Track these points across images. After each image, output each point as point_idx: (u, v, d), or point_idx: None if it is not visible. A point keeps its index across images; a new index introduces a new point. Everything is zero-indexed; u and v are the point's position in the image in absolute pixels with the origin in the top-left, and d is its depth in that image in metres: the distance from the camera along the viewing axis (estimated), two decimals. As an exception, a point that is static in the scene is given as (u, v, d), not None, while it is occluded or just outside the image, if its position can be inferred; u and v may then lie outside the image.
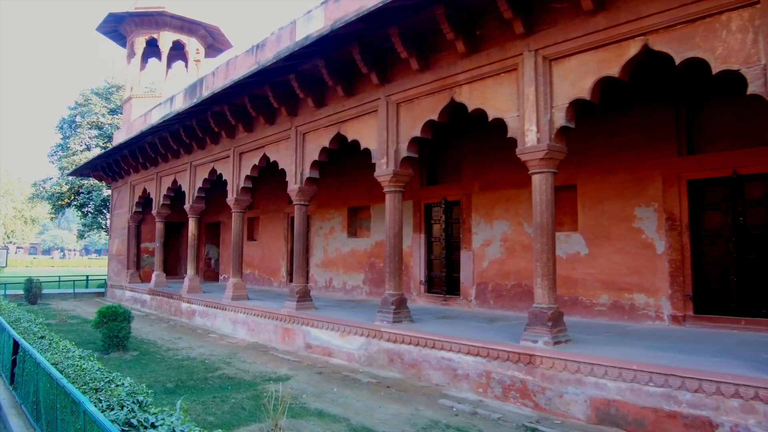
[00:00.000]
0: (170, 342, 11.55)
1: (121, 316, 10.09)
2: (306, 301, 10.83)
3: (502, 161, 10.86)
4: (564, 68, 6.88)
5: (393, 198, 8.96)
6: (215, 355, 10.05)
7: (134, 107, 20.43)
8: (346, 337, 9.27)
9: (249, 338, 11.72)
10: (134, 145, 16.96)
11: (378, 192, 13.45)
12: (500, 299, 10.70)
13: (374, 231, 13.52)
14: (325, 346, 9.70)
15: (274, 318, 11.07)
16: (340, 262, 14.38)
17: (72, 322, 14.57)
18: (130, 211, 19.57)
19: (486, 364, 7.12)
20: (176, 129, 14.45)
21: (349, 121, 9.86)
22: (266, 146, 12.07)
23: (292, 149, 11.06)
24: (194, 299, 14.38)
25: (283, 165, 11.46)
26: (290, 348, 10.46)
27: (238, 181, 12.95)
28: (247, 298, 12.98)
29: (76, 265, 65.85)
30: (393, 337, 8.40)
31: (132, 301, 18.83)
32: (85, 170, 21.49)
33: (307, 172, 10.77)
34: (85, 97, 27.37)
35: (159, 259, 17.29)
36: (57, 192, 25.74)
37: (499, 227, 10.83)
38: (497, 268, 10.80)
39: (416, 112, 8.65)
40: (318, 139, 10.58)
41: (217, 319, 13.13)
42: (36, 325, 8.30)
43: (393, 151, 8.86)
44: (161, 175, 17.18)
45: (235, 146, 13.04)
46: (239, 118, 12.35)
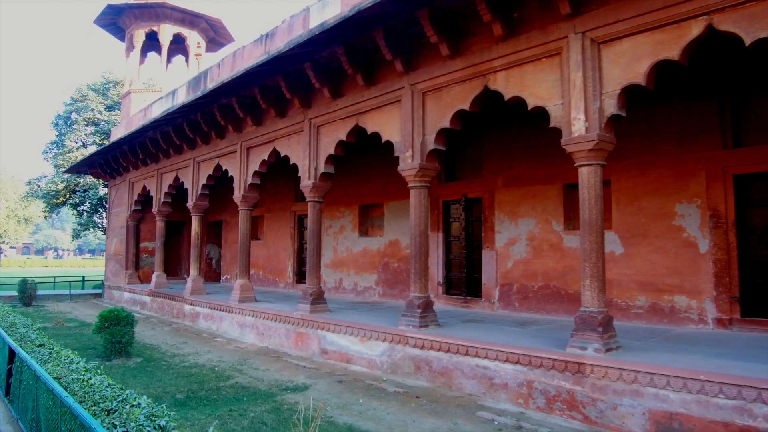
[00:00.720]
0: (175, 347, 10.91)
1: (124, 321, 9.45)
2: (320, 303, 10.22)
3: (529, 156, 10.30)
4: (615, 52, 6.30)
5: (418, 194, 8.36)
6: (225, 362, 9.42)
7: (133, 102, 19.74)
8: (367, 343, 8.67)
9: (258, 343, 11.10)
10: (134, 141, 16.29)
11: (392, 189, 12.91)
12: (526, 301, 10.12)
13: (388, 230, 12.92)
14: (343, 351, 9.09)
15: (286, 321, 10.45)
16: (351, 263, 13.77)
17: (69, 325, 13.90)
18: (128, 209, 18.88)
19: (527, 373, 6.55)
20: (179, 123, 13.80)
21: (369, 113, 9.26)
22: (276, 140, 11.45)
23: (305, 143, 10.45)
24: (198, 301, 13.74)
25: (295, 160, 10.85)
26: (304, 353, 9.85)
27: (246, 177, 12.32)
28: (254, 300, 12.35)
29: (70, 265, 64.84)
30: (420, 342, 7.81)
31: (131, 303, 18.14)
32: (81, 167, 20.77)
33: (322, 167, 10.16)
34: (81, 92, 26.59)
35: (160, 259, 16.62)
36: (52, 190, 24.96)
37: (525, 225, 10.25)
38: (523, 269, 10.23)
39: (445, 101, 8.06)
40: (334, 132, 9.97)
41: (223, 322, 12.50)
42: (33, 330, 7.66)
43: (419, 143, 8.27)
44: (162, 172, 16.52)
45: (243, 141, 12.41)
46: (248, 111, 11.72)
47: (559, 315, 9.58)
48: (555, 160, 9.90)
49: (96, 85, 27.54)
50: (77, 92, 26.82)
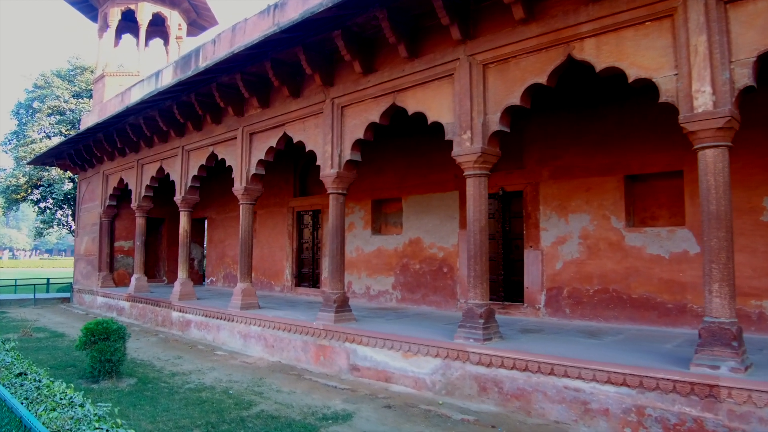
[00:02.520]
0: (170, 363, 9.34)
1: (115, 334, 7.87)
2: (345, 311, 8.85)
3: (581, 144, 9.18)
4: (746, 13, 5.19)
5: (478, 183, 7.09)
6: (237, 382, 7.95)
7: (107, 87, 17.85)
8: (413, 359, 7.36)
9: (268, 357, 9.63)
10: (111, 128, 14.50)
11: (412, 181, 11.61)
12: (579, 308, 8.99)
13: (407, 227, 11.61)
14: (380, 369, 7.75)
15: (303, 332, 9.04)
16: (363, 264, 12.41)
17: (39, 336, 12.08)
18: (102, 204, 17.00)
19: (637, 397, 5.37)
20: (167, 106, 12.18)
21: (410, 89, 7.94)
22: (287, 124, 10.00)
23: (326, 126, 9.06)
24: (189, 308, 12.13)
25: (312, 146, 9.44)
26: (329, 370, 8.46)
27: (248, 167, 10.82)
28: (258, 307, 10.87)
29: (27, 265, 60.94)
30: (487, 359, 6.55)
31: (105, 309, 16.29)
32: (47, 158, 18.72)
33: (348, 154, 8.79)
34: (45, 79, 24.28)
35: (139, 260, 14.88)
36: (12, 184, 22.62)
37: (578, 222, 9.12)
38: (575, 271, 9.09)
39: (513, 74, 6.82)
40: (363, 113, 8.61)
41: (221, 332, 10.96)
42: (8, 352, 6.05)
43: (479, 124, 7.01)
44: (143, 163, 14.78)
45: (245, 125, 10.90)
46: (253, 91, 10.23)
47: (621, 323, 8.48)
48: (613, 149, 8.81)
49: (62, 71, 25.25)
50: (41, 78, 24.50)
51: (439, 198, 11.02)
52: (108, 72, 17.91)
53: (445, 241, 10.85)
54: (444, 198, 10.94)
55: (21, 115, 24.68)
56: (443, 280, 10.85)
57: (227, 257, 16.95)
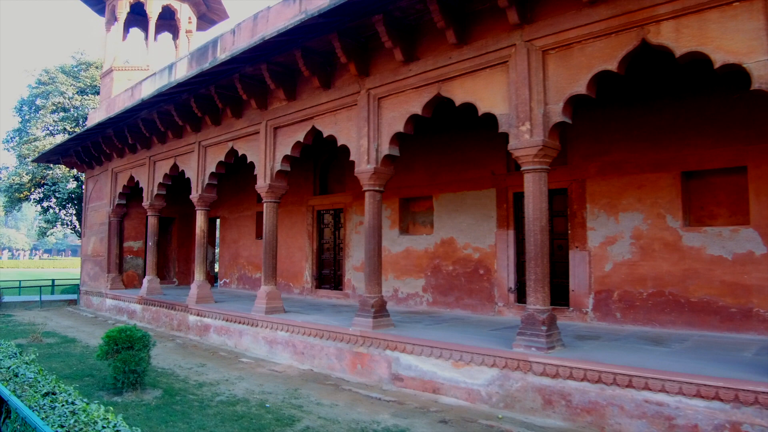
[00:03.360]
0: (194, 371, 8.76)
1: (139, 343, 7.29)
2: (384, 316, 8.30)
3: (632, 139, 8.63)
4: None
5: (538, 179, 6.54)
6: (271, 393, 7.38)
7: (116, 81, 17.24)
8: (464, 368, 6.80)
9: (298, 365, 9.06)
10: (122, 123, 13.91)
11: (444, 178, 11.05)
12: (632, 312, 8.44)
13: (439, 227, 11.05)
14: (426, 379, 7.19)
15: (337, 339, 8.47)
16: (389, 265, 11.83)
17: (49, 341, 11.48)
18: (111, 203, 16.40)
19: (731, 412, 4.84)
20: (184, 99, 11.59)
21: (457, 79, 7.38)
22: (316, 117, 9.43)
23: (360, 119, 8.49)
24: (207, 311, 11.55)
25: (344, 140, 8.88)
26: (367, 380, 7.90)
27: (272, 163, 10.24)
28: (283, 311, 10.30)
29: (27, 266, 60.12)
30: (552, 369, 6.00)
31: (115, 312, 15.69)
32: (53, 155, 18.10)
33: (385, 149, 8.23)
34: (49, 74, 23.62)
35: (152, 260, 14.29)
36: (15, 183, 21.96)
37: (629, 221, 8.58)
38: (626, 273, 8.54)
39: (578, 61, 6.27)
40: (403, 105, 8.05)
41: (244, 337, 10.38)
42: (28, 365, 5.48)
43: (539, 115, 6.46)
44: (156, 160, 14.19)
45: (269, 119, 10.33)
46: (280, 82, 9.66)
47: (678, 328, 7.94)
48: (668, 144, 8.27)
49: (66, 67, 24.60)
50: (45, 74, 23.84)
51: (475, 196, 10.47)
52: (116, 66, 17.30)
53: (481, 241, 10.30)
54: (480, 196, 10.39)
55: (24, 112, 24.03)
56: (479, 283, 10.29)
57: (241, 258, 16.36)
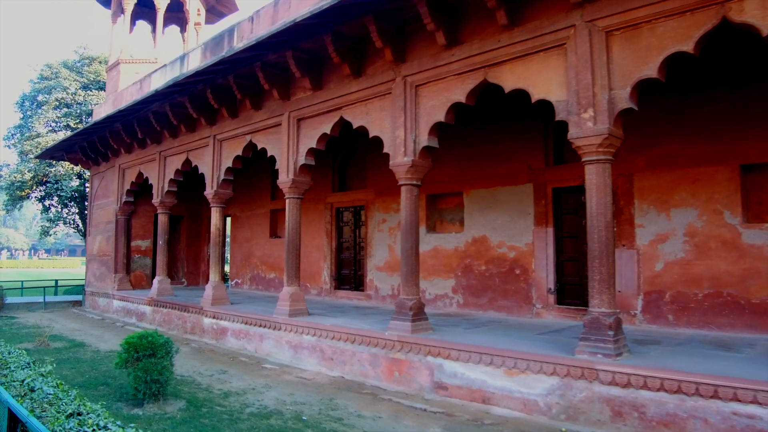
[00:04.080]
0: (216, 379, 8.18)
1: (162, 350, 6.71)
2: (422, 320, 7.74)
3: (685, 130, 8.10)
4: None
5: (602, 171, 6.00)
6: (304, 404, 6.81)
7: (122, 74, 16.65)
8: (519, 377, 6.25)
9: (327, 371, 8.49)
10: (132, 116, 13.31)
11: (474, 174, 10.48)
12: (685, 314, 7.89)
13: (470, 224, 10.49)
14: (475, 388, 6.63)
15: (371, 344, 7.91)
16: (416, 265, 11.24)
17: (57, 345, 10.88)
18: (118, 201, 15.80)
19: None
20: (199, 90, 11.01)
21: (507, 63, 6.82)
22: (345, 108, 8.87)
23: (397, 108, 7.93)
24: (224, 313, 10.97)
25: (377, 131, 8.32)
26: (406, 388, 7.33)
27: (296, 157, 9.67)
28: (307, 313, 9.73)
29: (27, 266, 59.33)
30: (623, 378, 5.45)
31: (123, 313, 15.09)
32: (57, 152, 17.48)
33: (424, 140, 7.67)
34: (52, 69, 22.98)
35: (162, 260, 13.70)
36: (17, 180, 21.33)
37: (682, 217, 8.03)
38: (680, 272, 7.99)
39: (647, 42, 5.72)
40: (444, 93, 7.49)
41: (266, 341, 9.81)
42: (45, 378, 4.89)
43: (604, 101, 5.90)
44: (166, 155, 13.60)
45: (292, 110, 9.75)
46: (306, 70, 9.09)
47: (738, 331, 7.40)
48: (724, 135, 7.73)
49: (69, 62, 23.96)
50: (47, 69, 23.20)
51: (509, 192, 9.92)
52: (124, 59, 16.71)
53: (517, 239, 9.75)
54: (515, 192, 9.84)
55: (26, 108, 23.38)
56: (515, 283, 9.74)
57: (254, 257, 15.78)
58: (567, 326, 8.36)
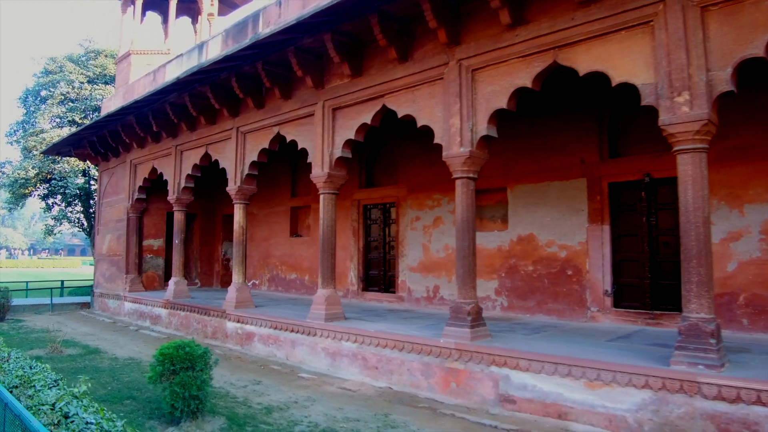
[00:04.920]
0: (252, 391, 7.51)
1: (200, 362, 6.04)
2: (480, 326, 7.10)
3: (759, 120, 7.46)
4: None
5: (698, 162, 5.36)
6: (357, 420, 6.16)
7: (133, 66, 15.96)
8: (603, 390, 5.61)
9: (371, 382, 7.84)
10: (147, 108, 12.62)
11: (521, 168, 9.80)
12: (762, 318, 7.27)
13: (515, 222, 9.85)
14: (549, 401, 5.99)
15: (422, 352, 7.26)
16: (454, 265, 10.56)
17: (70, 352, 10.19)
18: (129, 198, 15.10)
19: None
20: (223, 79, 10.34)
21: (582, 44, 6.17)
22: (388, 95, 8.20)
23: (451, 95, 7.28)
24: (250, 317, 10.30)
25: (426, 120, 7.67)
26: (466, 401, 6.69)
27: (331, 149, 9.01)
28: (344, 318, 9.09)
29: (27, 266, 58.44)
30: (731, 393, 4.83)
31: (135, 316, 14.40)
32: (64, 147, 16.77)
33: (482, 129, 7.03)
34: (57, 63, 22.23)
35: (178, 260, 13.02)
36: (21, 177, 20.58)
37: (758, 214, 7.41)
38: (755, 273, 7.37)
39: (751, 17, 5.11)
40: (506, 77, 6.84)
41: (298, 348, 9.15)
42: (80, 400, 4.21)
43: (701, 83, 5.27)
44: (183, 149, 12.92)
45: (327, 99, 9.09)
46: (345, 55, 8.43)
47: (828, 340, 6.78)
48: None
49: (74, 55, 23.20)
50: (52, 62, 22.44)
51: (560, 187, 9.28)
52: (135, 50, 16.00)
53: (569, 238, 9.11)
54: (566, 187, 9.20)
55: (29, 103, 22.61)
56: (566, 285, 9.10)
57: (273, 258, 15.10)
58: (631, 332, 7.72)
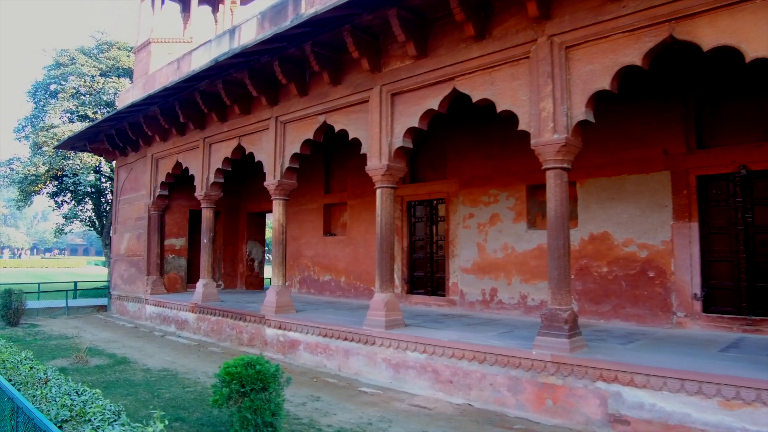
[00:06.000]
0: (313, 409, 6.67)
1: (273, 381, 5.18)
2: (577, 335, 6.27)
3: None
4: None
5: None
6: (451, 445, 5.32)
7: (154, 55, 15.11)
8: (743, 410, 4.80)
9: (445, 397, 7.00)
10: (173, 98, 11.77)
11: (592, 160, 8.85)
12: None
13: (586, 219, 9.03)
14: (673, 423, 5.16)
15: (508, 365, 6.43)
16: (514, 266, 9.79)
17: (97, 362, 9.33)
18: (151, 194, 14.25)
19: None
20: (264, 63, 9.50)
21: (704, 15, 5.33)
22: (460, 77, 7.36)
23: (541, 75, 6.45)
24: (293, 323, 9.46)
25: (508, 105, 6.84)
26: (565, 421, 5.86)
27: (390, 138, 8.19)
28: (404, 325, 8.26)
29: (31, 265, 57.54)
30: None
31: (158, 321, 13.55)
32: (79, 141, 15.89)
33: (579, 113, 6.21)
34: (69, 55, 21.33)
35: (207, 261, 12.19)
36: (31, 174, 19.69)
37: None
38: None
39: None
40: (608, 54, 6.02)
41: (353, 358, 8.31)
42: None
43: None
44: (212, 141, 12.07)
45: (384, 84, 8.26)
46: (411, 33, 7.58)
47: None
48: None
49: (86, 48, 22.28)
50: (63, 54, 21.53)
51: (638, 181, 8.46)
52: (155, 38, 15.14)
53: (650, 236, 8.28)
54: (646, 181, 8.38)
55: (38, 97, 21.70)
56: (648, 288, 8.27)
57: (304, 258, 14.25)
58: (733, 340, 6.90)
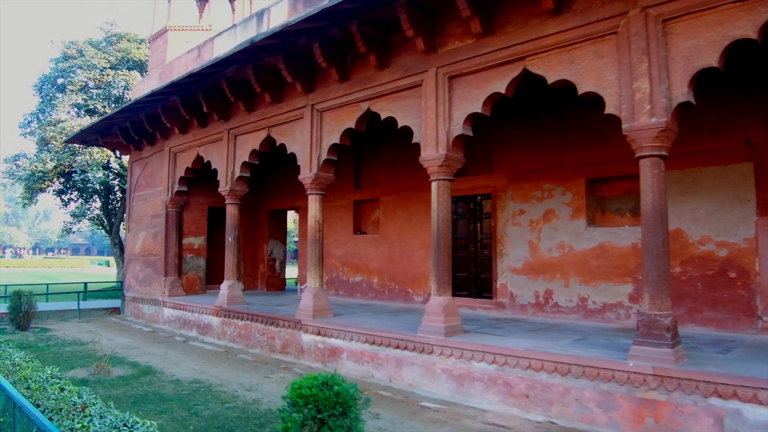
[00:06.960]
0: (375, 428, 5.90)
1: (353, 404, 4.45)
2: (679, 344, 5.54)
3: None
4: None
5: None
6: (552, 474, 4.58)
7: (170, 44, 14.38)
8: None
9: (520, 413, 6.26)
10: (195, 86, 11.03)
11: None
12: None
13: (655, 215, 8.27)
14: (820, 454, 4.43)
15: (597, 377, 5.70)
16: (572, 267, 9.05)
17: (119, 372, 8.56)
18: (168, 190, 13.51)
19: None
20: (301, 46, 8.78)
21: None
22: (532, 57, 6.62)
23: (634, 51, 5.73)
24: (333, 329, 8.72)
25: (591, 86, 6.12)
26: (674, 445, 5.13)
27: (447, 125, 7.43)
28: (463, 331, 7.52)
29: (34, 265, 56.69)
30: None
31: (178, 324, 12.81)
32: (91, 134, 15.15)
33: (680, 94, 5.50)
34: (77, 47, 20.57)
35: (232, 260, 11.45)
36: (38, 170, 18.91)
37: None
38: None
39: None
40: (714, 27, 5.29)
41: (406, 369, 7.57)
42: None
43: None
44: (237, 133, 11.33)
45: (441, 66, 7.51)
46: (478, 8, 6.84)
47: None
48: None
49: (94, 40, 21.52)
50: (71, 47, 20.77)
51: (716, 173, 7.74)
52: (172, 26, 14.41)
53: (731, 233, 7.56)
54: (725, 173, 7.66)
55: (45, 91, 20.94)
56: (728, 290, 7.55)
57: (332, 257, 13.50)
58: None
